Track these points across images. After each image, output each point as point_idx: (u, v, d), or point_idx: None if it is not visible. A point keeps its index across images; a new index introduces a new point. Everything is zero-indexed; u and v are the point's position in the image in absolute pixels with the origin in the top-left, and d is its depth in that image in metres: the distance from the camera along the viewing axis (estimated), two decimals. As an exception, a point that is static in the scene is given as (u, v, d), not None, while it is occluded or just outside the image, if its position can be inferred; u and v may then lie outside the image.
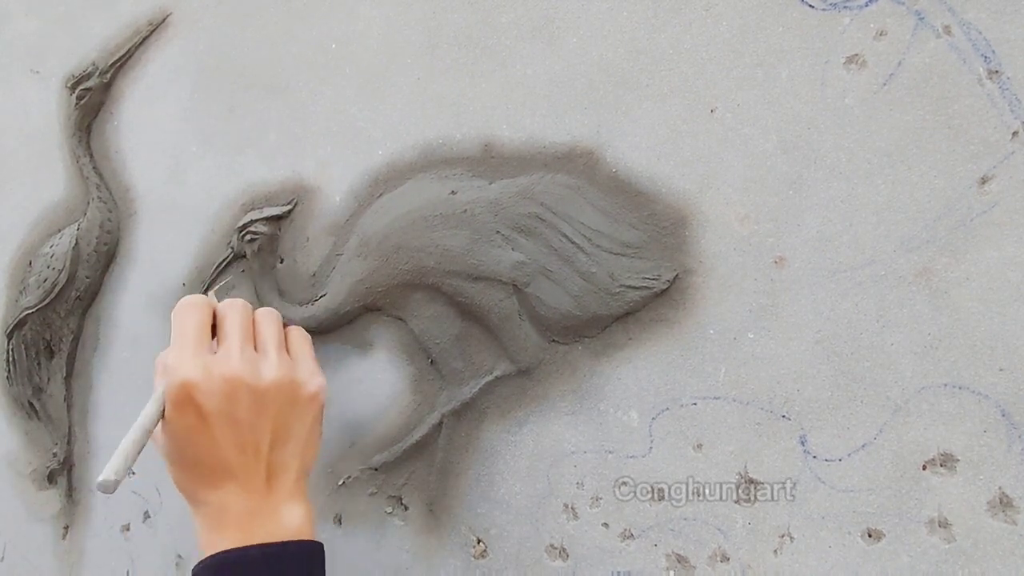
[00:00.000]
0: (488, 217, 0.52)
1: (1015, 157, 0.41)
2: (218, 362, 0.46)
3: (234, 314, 0.49)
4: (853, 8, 0.44)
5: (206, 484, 0.46)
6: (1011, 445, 0.41)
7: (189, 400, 0.44)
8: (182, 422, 0.45)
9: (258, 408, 0.46)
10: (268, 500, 0.46)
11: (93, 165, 0.70)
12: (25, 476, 0.76)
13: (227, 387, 0.45)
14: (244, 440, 0.45)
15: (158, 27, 0.67)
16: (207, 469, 0.45)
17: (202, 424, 0.44)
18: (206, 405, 0.44)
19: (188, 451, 0.45)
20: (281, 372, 0.47)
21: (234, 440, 0.45)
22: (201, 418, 0.44)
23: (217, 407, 0.44)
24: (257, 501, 0.45)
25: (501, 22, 0.54)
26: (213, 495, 0.45)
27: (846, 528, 0.44)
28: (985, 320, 0.42)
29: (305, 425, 0.48)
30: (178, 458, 0.46)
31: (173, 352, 0.46)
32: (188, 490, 0.47)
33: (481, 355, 0.54)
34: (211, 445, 0.45)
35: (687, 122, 0.48)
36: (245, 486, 0.45)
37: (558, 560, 0.52)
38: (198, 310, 0.48)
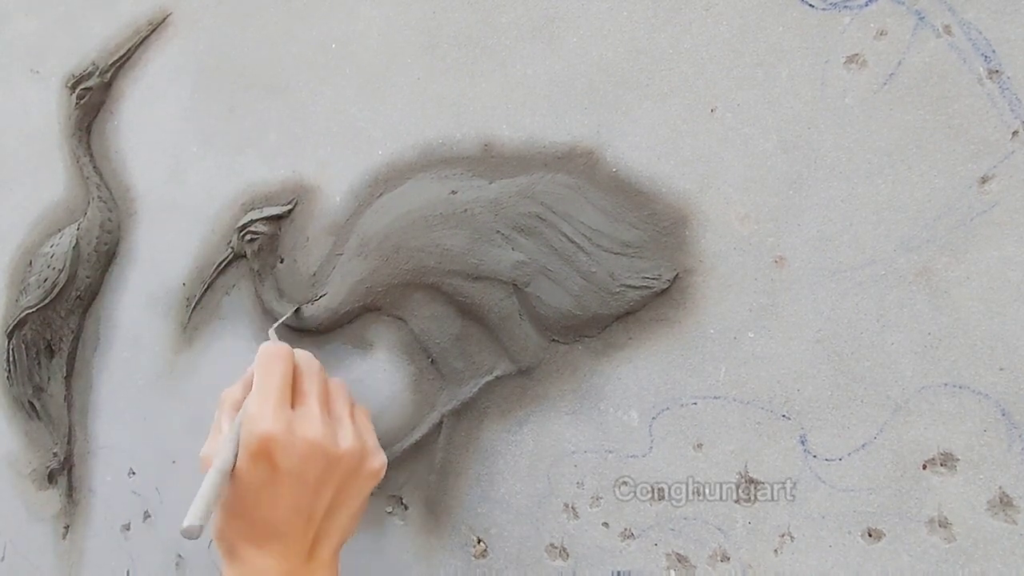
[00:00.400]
0: (488, 217, 0.52)
1: (1015, 157, 0.41)
2: (301, 422, 0.45)
3: (312, 375, 0.48)
4: (853, 8, 0.44)
5: (252, 541, 0.44)
6: (1011, 445, 0.41)
7: (266, 454, 0.43)
8: (253, 475, 0.44)
9: (327, 475, 0.45)
10: (306, 567, 0.45)
11: (93, 165, 0.70)
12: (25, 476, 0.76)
13: (306, 448, 0.44)
14: (305, 504, 0.44)
15: (158, 27, 0.67)
16: (260, 526, 0.44)
17: (272, 480, 0.44)
18: (282, 463, 0.43)
19: (248, 504, 0.44)
20: (355, 443, 0.47)
21: (296, 502, 0.44)
22: (273, 474, 0.43)
23: (292, 467, 0.44)
24: (296, 566, 0.45)
25: (501, 22, 0.54)
26: (255, 554, 0.44)
27: (846, 528, 0.44)
28: (985, 320, 0.42)
29: (360, 498, 0.48)
30: (234, 509, 0.45)
31: (256, 402, 0.45)
32: (230, 542, 0.45)
33: (481, 355, 0.54)
34: (273, 503, 0.44)
35: (687, 122, 0.48)
36: (289, 550, 0.44)
37: (558, 560, 0.52)
38: (284, 362, 0.48)
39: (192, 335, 0.66)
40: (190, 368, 0.66)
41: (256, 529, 0.44)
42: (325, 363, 0.60)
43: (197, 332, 0.66)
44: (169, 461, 0.67)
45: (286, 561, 0.44)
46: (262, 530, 0.44)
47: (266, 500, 0.44)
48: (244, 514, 0.44)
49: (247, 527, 0.44)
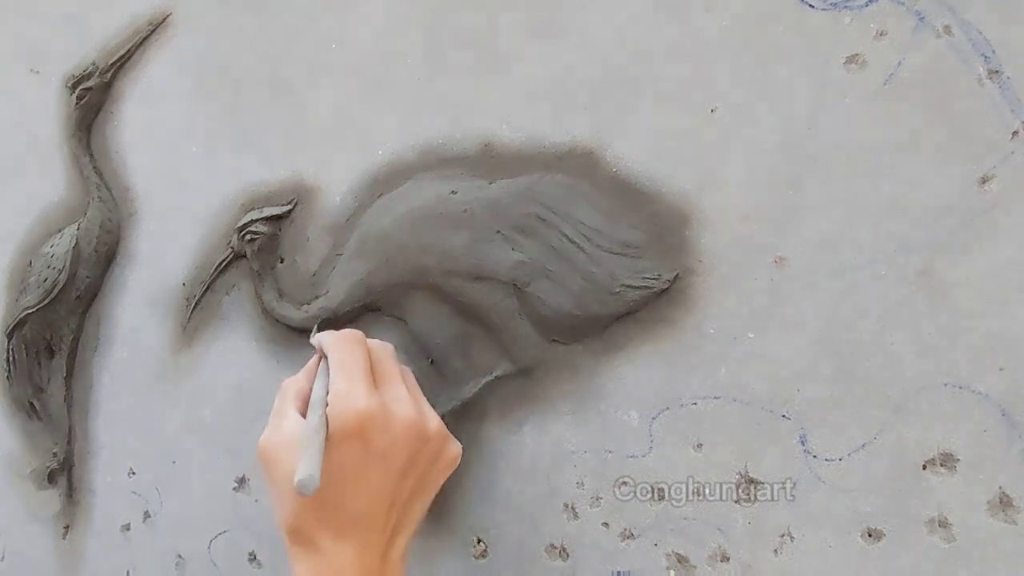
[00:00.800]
0: (488, 217, 0.52)
1: (1015, 157, 0.41)
2: (393, 402, 0.43)
3: (389, 357, 0.47)
4: (853, 8, 0.44)
5: (331, 531, 0.41)
6: (1011, 445, 0.41)
7: (360, 433, 0.41)
8: (344, 455, 0.41)
9: (416, 457, 0.43)
10: (382, 565, 0.42)
11: (93, 165, 0.70)
12: (25, 476, 0.76)
13: (401, 428, 0.42)
14: (390, 489, 0.42)
15: (158, 27, 0.67)
16: (342, 513, 0.41)
17: (363, 462, 0.41)
18: (376, 443, 0.41)
19: (333, 488, 0.41)
20: (441, 426, 0.45)
21: (383, 486, 0.42)
22: (364, 455, 0.41)
23: (385, 447, 0.41)
24: (374, 562, 0.42)
25: (501, 22, 0.54)
26: (333, 546, 0.41)
27: (846, 528, 0.44)
28: (985, 320, 0.42)
29: (436, 486, 0.46)
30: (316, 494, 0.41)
31: (344, 381, 0.43)
32: (307, 531, 0.42)
33: (481, 355, 0.54)
34: (359, 487, 0.41)
35: (687, 122, 0.48)
36: (370, 541, 0.42)
37: (558, 560, 0.52)
38: (362, 345, 0.46)
39: (192, 335, 0.66)
40: (190, 368, 0.66)
41: (338, 516, 0.41)
42: (325, 363, 0.60)
43: (197, 332, 0.66)
44: (169, 461, 0.67)
45: (366, 554, 0.41)
46: (345, 518, 0.41)
47: (352, 483, 0.41)
48: (327, 500, 0.41)
49: (328, 514, 0.41)
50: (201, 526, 0.66)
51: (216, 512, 0.65)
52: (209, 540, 0.65)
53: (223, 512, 0.64)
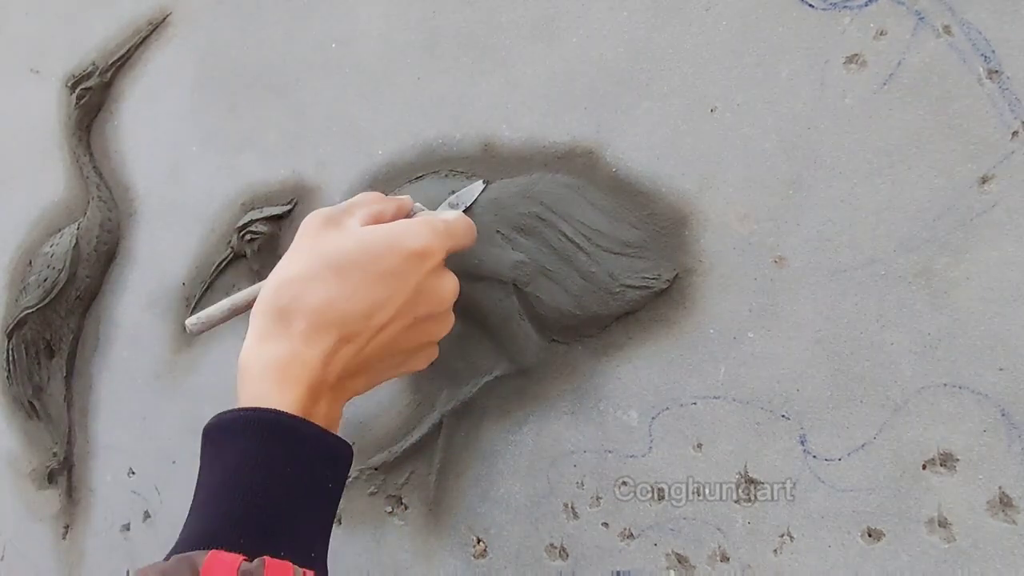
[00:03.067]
0: (488, 216, 0.52)
1: (1015, 157, 0.41)
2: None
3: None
4: (853, 8, 0.44)
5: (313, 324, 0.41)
6: (1011, 445, 0.41)
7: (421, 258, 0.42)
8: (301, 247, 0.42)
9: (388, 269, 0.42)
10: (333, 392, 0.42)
11: (93, 165, 0.70)
12: (25, 476, 0.76)
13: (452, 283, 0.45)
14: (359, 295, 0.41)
15: (158, 27, 0.67)
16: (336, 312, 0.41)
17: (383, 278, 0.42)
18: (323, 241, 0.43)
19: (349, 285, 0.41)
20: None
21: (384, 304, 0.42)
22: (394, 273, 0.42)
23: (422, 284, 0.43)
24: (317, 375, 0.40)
25: (501, 22, 0.54)
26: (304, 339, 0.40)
27: (846, 528, 0.44)
28: (985, 320, 0.42)
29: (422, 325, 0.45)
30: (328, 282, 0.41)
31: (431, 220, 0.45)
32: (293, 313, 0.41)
33: (481, 355, 0.54)
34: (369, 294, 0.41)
35: (687, 122, 0.48)
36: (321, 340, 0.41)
37: (558, 560, 0.52)
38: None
39: (192, 335, 0.66)
40: (190, 368, 0.66)
41: (337, 312, 0.41)
42: (325, 363, 0.60)
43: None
44: (169, 461, 0.67)
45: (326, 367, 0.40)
46: (342, 317, 0.41)
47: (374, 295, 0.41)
48: (340, 293, 0.41)
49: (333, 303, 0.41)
50: (201, 526, 0.66)
51: (216, 512, 0.65)
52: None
53: (223, 512, 0.64)
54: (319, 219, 0.44)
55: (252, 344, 0.41)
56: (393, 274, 0.41)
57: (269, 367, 0.40)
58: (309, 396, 0.40)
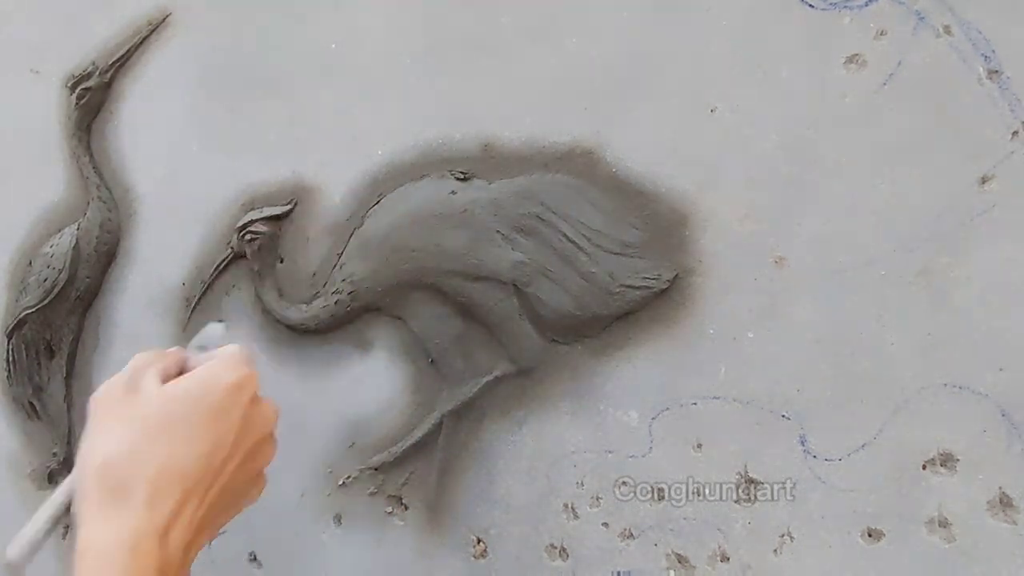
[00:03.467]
0: (488, 217, 0.52)
1: (1015, 157, 0.41)
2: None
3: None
4: (853, 8, 0.44)
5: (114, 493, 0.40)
6: (1011, 445, 0.41)
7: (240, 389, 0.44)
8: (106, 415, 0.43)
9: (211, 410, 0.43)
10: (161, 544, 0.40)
11: (93, 165, 0.70)
12: (25, 476, 0.76)
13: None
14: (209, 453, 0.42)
15: (158, 27, 0.67)
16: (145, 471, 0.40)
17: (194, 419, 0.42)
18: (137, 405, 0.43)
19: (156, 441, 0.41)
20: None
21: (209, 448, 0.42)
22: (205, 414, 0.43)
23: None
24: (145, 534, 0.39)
25: (501, 22, 0.54)
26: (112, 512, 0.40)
27: (846, 528, 0.44)
28: (985, 320, 0.42)
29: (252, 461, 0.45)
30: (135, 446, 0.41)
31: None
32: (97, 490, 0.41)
33: (481, 355, 0.54)
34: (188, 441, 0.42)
35: (687, 122, 0.48)
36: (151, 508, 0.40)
37: (558, 560, 0.52)
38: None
39: (192, 335, 0.66)
40: (190, 368, 0.66)
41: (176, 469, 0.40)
42: (325, 363, 0.60)
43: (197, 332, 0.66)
44: (169, 461, 0.67)
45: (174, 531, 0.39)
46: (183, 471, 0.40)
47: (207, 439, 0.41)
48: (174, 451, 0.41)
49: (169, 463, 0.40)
50: (201, 526, 0.66)
51: (216, 512, 0.65)
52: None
53: (223, 512, 0.64)
54: (115, 391, 0.44)
55: (87, 527, 0.40)
56: (219, 411, 0.42)
57: (111, 547, 0.38)
58: (158, 572, 0.39)
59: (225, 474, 0.42)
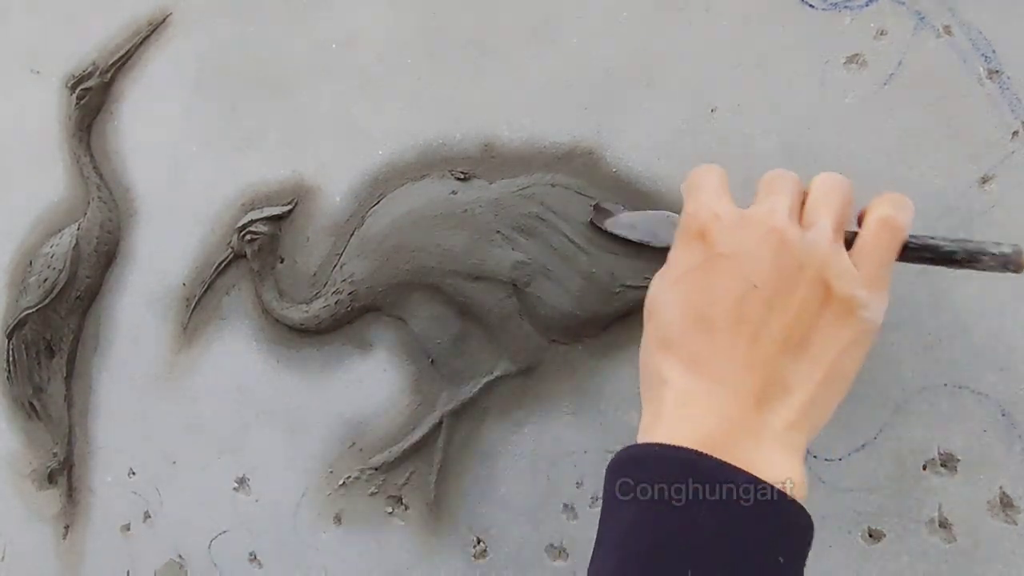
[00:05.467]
0: (488, 217, 0.52)
1: (1015, 157, 0.41)
2: (753, 209, 0.36)
3: (786, 178, 0.38)
4: (853, 8, 0.44)
5: (678, 356, 0.34)
6: (1011, 445, 0.41)
7: (703, 234, 0.35)
8: (689, 257, 0.36)
9: (778, 284, 0.33)
10: (752, 420, 0.33)
11: (93, 165, 0.70)
12: (25, 476, 0.76)
13: (755, 233, 0.34)
14: (745, 314, 0.33)
15: (158, 27, 0.67)
16: (689, 336, 0.34)
17: (707, 265, 0.35)
18: (721, 244, 0.35)
19: (677, 298, 0.35)
20: (825, 256, 0.34)
21: (737, 306, 0.34)
22: (708, 258, 0.35)
23: (732, 250, 0.34)
24: (735, 412, 0.33)
25: (501, 22, 0.54)
26: (682, 377, 0.34)
27: (846, 528, 0.44)
28: (985, 320, 0.42)
29: (833, 347, 0.34)
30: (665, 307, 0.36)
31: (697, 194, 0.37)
32: (652, 357, 0.36)
33: (481, 355, 0.54)
34: (707, 298, 0.34)
35: (687, 122, 0.48)
36: (722, 382, 0.33)
37: (558, 560, 0.52)
38: (719, 173, 0.39)
39: (192, 335, 0.66)
40: (190, 368, 0.66)
41: (685, 339, 0.34)
42: (325, 363, 0.60)
43: (197, 332, 0.66)
44: (169, 461, 0.67)
45: (719, 397, 0.33)
46: (690, 341, 0.34)
47: (699, 295, 0.35)
48: (669, 319, 0.35)
49: (672, 335, 0.35)
50: (201, 526, 0.66)
51: (216, 512, 0.65)
52: (209, 540, 0.65)
53: (223, 512, 0.64)
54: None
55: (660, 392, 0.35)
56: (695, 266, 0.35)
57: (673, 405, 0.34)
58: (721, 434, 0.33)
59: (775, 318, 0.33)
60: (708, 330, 0.34)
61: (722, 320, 0.34)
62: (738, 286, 0.34)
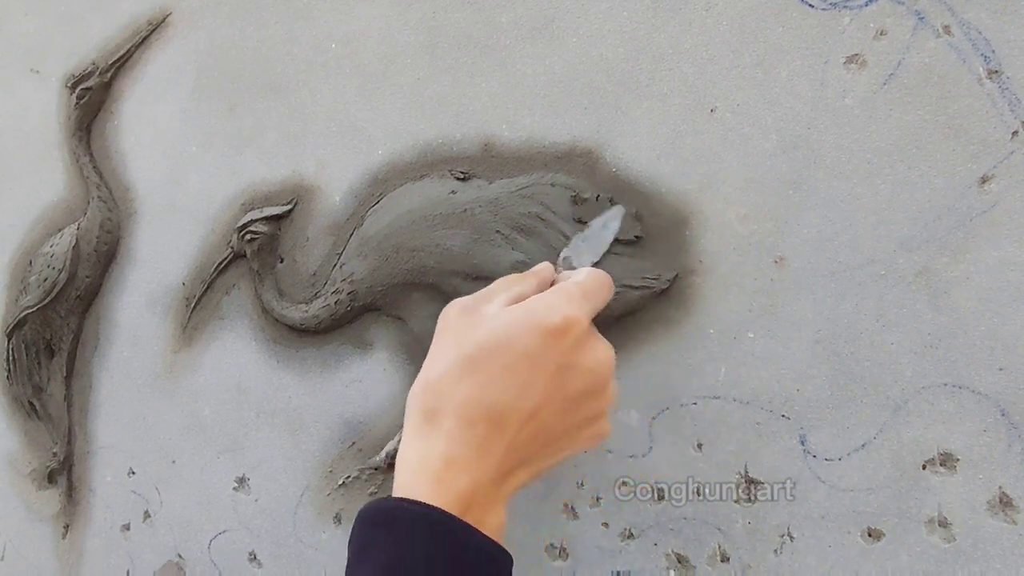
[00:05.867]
0: (488, 217, 0.52)
1: (1015, 157, 0.41)
2: (597, 337, 0.41)
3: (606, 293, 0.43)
4: (853, 8, 0.44)
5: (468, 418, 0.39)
6: (1011, 445, 0.41)
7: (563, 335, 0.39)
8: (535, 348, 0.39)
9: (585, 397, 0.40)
10: (497, 490, 0.40)
11: (93, 165, 0.70)
12: (25, 476, 0.76)
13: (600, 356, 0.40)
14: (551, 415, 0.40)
15: (158, 27, 0.67)
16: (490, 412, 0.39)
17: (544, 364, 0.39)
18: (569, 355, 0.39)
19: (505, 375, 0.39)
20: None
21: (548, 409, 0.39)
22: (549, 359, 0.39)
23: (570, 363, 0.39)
24: (491, 483, 0.39)
25: (501, 22, 0.54)
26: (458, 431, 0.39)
27: (846, 528, 0.44)
28: (985, 320, 0.42)
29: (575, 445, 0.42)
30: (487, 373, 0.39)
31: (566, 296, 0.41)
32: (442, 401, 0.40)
33: (481, 355, 0.54)
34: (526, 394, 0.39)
35: (687, 122, 0.48)
36: (494, 463, 0.39)
37: (558, 560, 0.52)
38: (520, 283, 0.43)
39: (192, 335, 0.66)
40: (190, 368, 0.66)
41: (476, 406, 0.39)
42: (325, 363, 0.60)
43: (197, 332, 0.66)
44: (169, 461, 0.67)
45: (487, 467, 0.39)
46: (488, 408, 0.38)
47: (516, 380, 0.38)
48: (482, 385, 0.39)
49: (468, 399, 0.39)
50: (201, 526, 0.66)
51: (216, 512, 0.65)
52: (209, 540, 0.65)
53: (223, 512, 0.64)
54: (455, 310, 0.41)
55: (407, 443, 0.40)
56: (531, 356, 0.38)
57: (424, 465, 0.38)
58: (465, 498, 0.38)
59: (539, 420, 0.39)
60: (505, 419, 0.39)
61: (522, 415, 0.39)
62: (561, 396, 0.40)
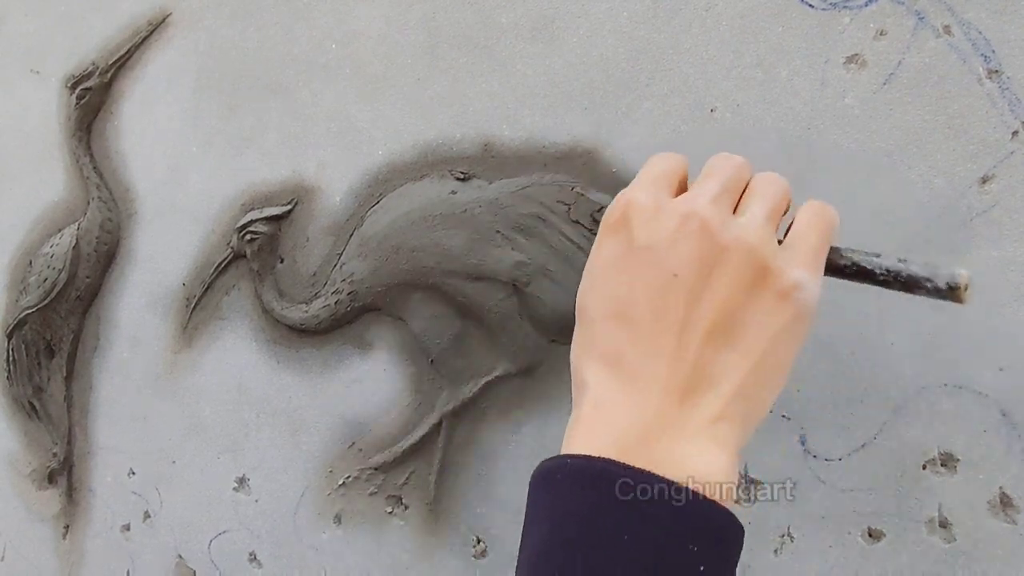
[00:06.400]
0: (488, 217, 0.52)
1: (1015, 157, 0.41)
2: (679, 199, 0.34)
3: (724, 164, 0.36)
4: (853, 8, 0.44)
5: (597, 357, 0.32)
6: (1011, 445, 0.41)
7: (623, 223, 0.33)
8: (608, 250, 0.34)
9: (703, 270, 0.31)
10: (673, 416, 0.31)
11: (93, 165, 0.70)
12: (25, 476, 0.76)
13: (674, 222, 0.32)
14: (666, 306, 0.31)
15: (158, 27, 0.67)
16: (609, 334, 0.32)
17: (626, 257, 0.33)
18: (639, 235, 0.33)
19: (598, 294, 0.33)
20: (754, 239, 0.32)
21: (658, 298, 0.31)
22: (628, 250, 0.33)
23: (650, 241, 0.32)
24: (653, 410, 0.30)
25: (501, 22, 0.54)
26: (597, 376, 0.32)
27: (846, 528, 0.44)
28: (985, 320, 0.42)
29: (765, 334, 0.31)
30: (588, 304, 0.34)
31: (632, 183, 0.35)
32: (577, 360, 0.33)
33: (481, 355, 0.54)
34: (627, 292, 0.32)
35: (687, 122, 0.48)
36: (639, 379, 0.31)
37: (558, 560, 0.52)
38: (671, 160, 0.37)
39: (192, 335, 0.66)
40: (190, 368, 0.66)
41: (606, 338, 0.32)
42: (325, 363, 0.60)
43: (197, 332, 0.66)
44: (169, 461, 0.67)
45: (642, 396, 0.31)
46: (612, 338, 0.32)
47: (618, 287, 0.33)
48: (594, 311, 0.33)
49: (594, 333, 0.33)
50: (201, 526, 0.66)
51: (216, 512, 0.65)
52: (209, 540, 0.65)
53: (223, 512, 0.64)
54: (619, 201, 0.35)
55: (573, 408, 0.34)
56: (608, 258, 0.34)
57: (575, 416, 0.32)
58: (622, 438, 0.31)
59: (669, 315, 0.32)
60: (628, 326, 0.32)
61: (642, 315, 0.32)
62: (657, 277, 0.32)
